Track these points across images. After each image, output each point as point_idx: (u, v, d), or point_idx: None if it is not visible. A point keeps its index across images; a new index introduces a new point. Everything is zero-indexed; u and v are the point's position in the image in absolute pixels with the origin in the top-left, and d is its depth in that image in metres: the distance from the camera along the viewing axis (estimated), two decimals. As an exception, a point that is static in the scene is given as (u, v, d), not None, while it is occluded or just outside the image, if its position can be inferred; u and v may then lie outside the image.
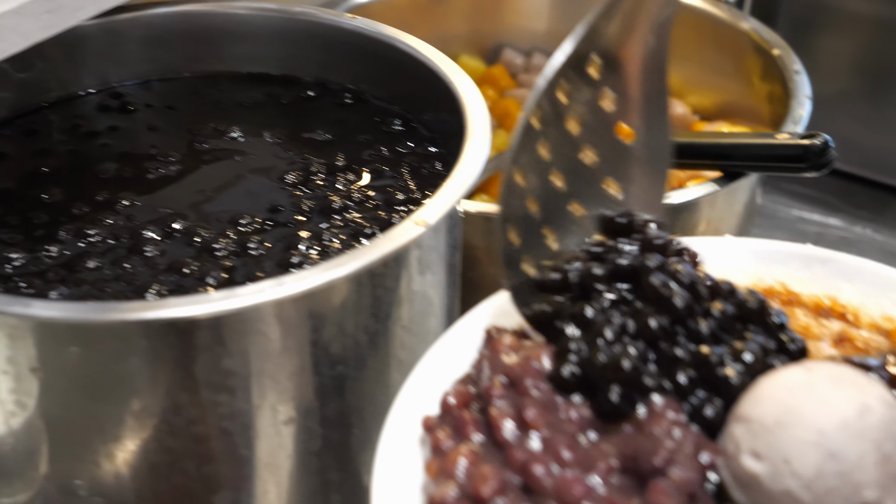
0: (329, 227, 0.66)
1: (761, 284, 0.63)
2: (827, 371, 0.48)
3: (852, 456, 0.45)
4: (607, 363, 0.50)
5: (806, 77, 0.98)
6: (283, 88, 0.81)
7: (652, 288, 0.53)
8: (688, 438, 0.49)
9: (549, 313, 0.54)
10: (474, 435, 0.51)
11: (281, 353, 0.58)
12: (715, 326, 0.53)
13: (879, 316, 0.61)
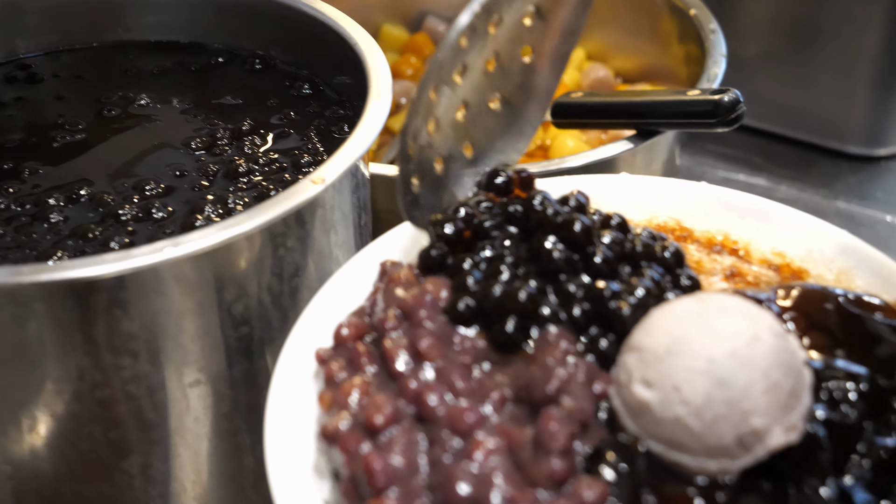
0: (234, 190, 0.66)
1: (655, 220, 0.63)
2: (718, 301, 0.49)
3: (741, 383, 0.46)
4: (503, 294, 0.51)
5: (721, 35, 0.99)
6: (192, 56, 0.80)
7: (539, 214, 0.54)
8: (580, 368, 0.49)
9: (444, 254, 0.55)
10: (368, 367, 0.51)
11: (182, 314, 0.58)
12: (612, 257, 0.54)
13: (770, 251, 0.62)
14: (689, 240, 0.63)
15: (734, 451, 0.46)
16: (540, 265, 0.53)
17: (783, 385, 0.47)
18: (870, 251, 0.60)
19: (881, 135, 1.20)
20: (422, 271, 0.55)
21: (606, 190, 0.63)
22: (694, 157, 1.22)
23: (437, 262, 0.55)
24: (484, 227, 0.55)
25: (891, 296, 0.57)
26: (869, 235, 1.10)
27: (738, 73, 1.20)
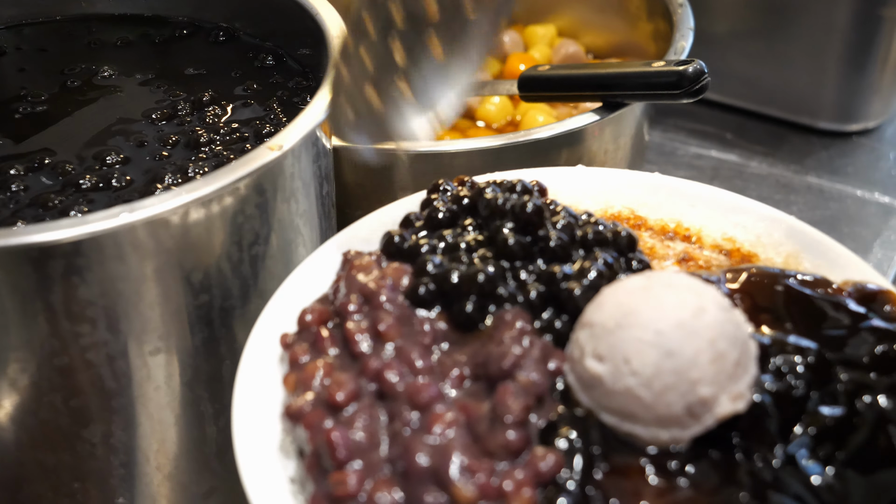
0: (195, 159, 0.66)
1: (611, 210, 0.65)
2: (664, 277, 0.51)
3: (688, 354, 0.47)
4: (463, 276, 0.53)
5: (689, 10, 1.00)
6: (155, 28, 0.80)
7: (491, 202, 0.57)
8: (535, 345, 0.52)
9: (406, 246, 0.57)
10: (331, 349, 0.53)
11: (140, 281, 0.58)
12: (566, 241, 0.56)
13: (720, 237, 0.63)
14: (643, 228, 0.64)
15: (684, 421, 0.48)
16: (496, 250, 0.55)
17: (729, 355, 0.48)
18: (816, 235, 0.62)
19: (852, 110, 1.20)
20: (385, 257, 0.57)
21: (564, 182, 0.65)
22: (666, 133, 1.23)
23: (398, 249, 0.57)
24: (440, 217, 0.58)
25: (836, 276, 0.59)
26: (839, 210, 1.11)
27: (709, 50, 1.20)
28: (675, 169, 1.18)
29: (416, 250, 0.56)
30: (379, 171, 0.86)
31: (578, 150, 0.89)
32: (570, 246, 0.56)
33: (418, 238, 0.58)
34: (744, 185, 1.15)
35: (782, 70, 1.20)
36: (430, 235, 0.58)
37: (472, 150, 0.84)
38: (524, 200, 0.56)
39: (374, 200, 0.87)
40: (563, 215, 0.57)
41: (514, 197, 0.57)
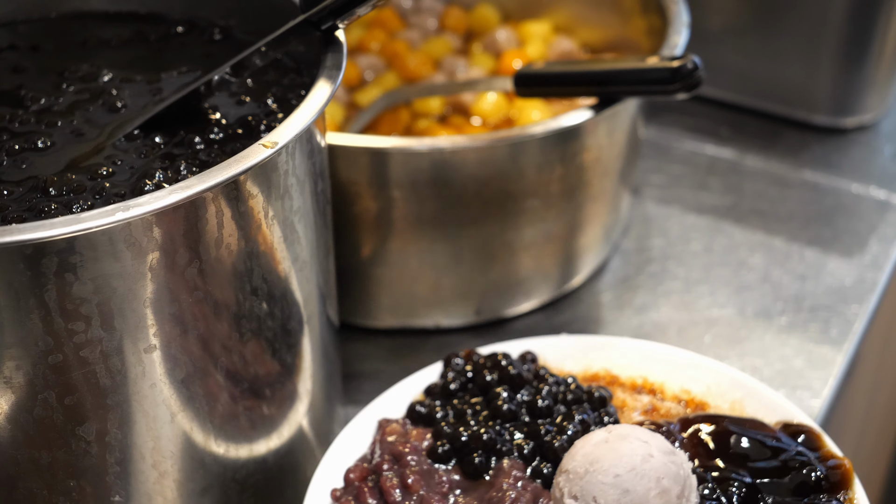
0: (188, 156, 0.66)
1: (590, 370, 0.80)
2: (621, 431, 0.66)
3: (640, 491, 0.63)
4: (470, 437, 0.71)
5: (684, 5, 1.00)
6: (151, 26, 0.80)
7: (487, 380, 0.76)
8: (528, 489, 0.68)
9: (425, 412, 0.75)
10: (370, 500, 0.69)
11: (135, 278, 0.58)
12: (550, 403, 0.74)
13: (679, 389, 0.78)
14: (617, 384, 0.79)
15: None
16: (493, 413, 0.73)
17: (672, 490, 0.64)
18: (755, 384, 0.76)
19: (847, 105, 1.20)
20: (410, 422, 0.74)
21: (552, 348, 0.80)
22: (661, 130, 1.23)
23: (419, 415, 0.75)
24: (454, 390, 0.77)
25: (772, 418, 0.74)
26: (835, 205, 1.11)
27: (704, 45, 1.21)
28: (670, 165, 1.18)
29: (432, 416, 0.74)
30: (373, 169, 0.86)
31: (573, 147, 0.90)
32: (553, 406, 0.74)
33: (434, 405, 0.75)
34: (739, 181, 1.15)
35: (777, 65, 1.21)
36: (444, 403, 0.75)
37: (467, 148, 0.84)
38: (516, 372, 0.76)
39: (368, 197, 0.87)
40: (550, 382, 0.75)
41: (510, 369, 0.75)
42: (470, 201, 0.87)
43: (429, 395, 0.77)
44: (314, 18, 0.68)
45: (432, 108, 1.04)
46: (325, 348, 0.76)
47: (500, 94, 1.03)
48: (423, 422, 0.74)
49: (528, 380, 0.76)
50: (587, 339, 0.81)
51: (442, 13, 1.19)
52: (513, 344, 0.80)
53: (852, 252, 1.05)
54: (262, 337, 0.67)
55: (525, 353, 0.79)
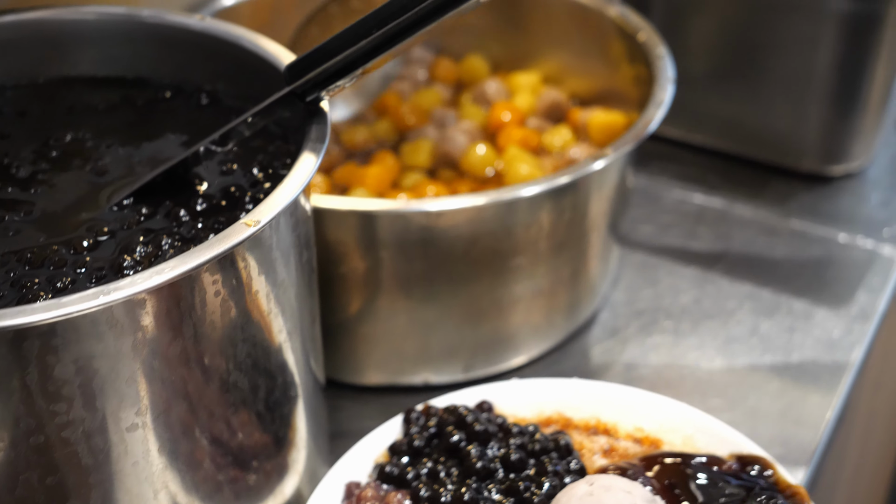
0: (171, 231, 0.66)
1: (544, 414, 0.81)
2: (604, 482, 0.68)
3: None
4: (454, 497, 0.72)
5: (669, 61, 1.00)
6: (138, 91, 0.80)
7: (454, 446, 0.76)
8: None
9: (397, 474, 0.75)
10: None
11: (116, 358, 0.58)
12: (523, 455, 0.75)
13: (632, 428, 0.80)
14: (571, 427, 0.80)
15: None
16: (469, 472, 0.74)
17: None
18: (704, 419, 0.78)
19: (834, 153, 1.21)
20: (381, 482, 0.75)
21: (504, 394, 0.81)
22: (651, 178, 1.23)
23: (389, 476, 0.75)
24: (419, 447, 0.77)
25: (724, 451, 0.76)
26: (822, 254, 1.11)
27: (691, 92, 1.22)
28: (661, 214, 1.18)
29: (404, 477, 0.75)
30: (361, 230, 0.86)
31: (562, 205, 0.90)
32: (526, 459, 0.75)
33: (404, 466, 0.75)
34: (728, 230, 1.16)
35: (765, 113, 1.21)
36: (412, 462, 0.76)
37: (454, 210, 0.85)
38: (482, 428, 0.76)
39: (356, 258, 0.87)
40: (515, 433, 0.77)
41: (475, 426, 0.76)
42: (458, 260, 0.88)
43: (394, 453, 0.77)
44: (298, 90, 0.68)
45: (420, 161, 1.05)
46: (312, 413, 0.76)
47: (489, 147, 1.04)
48: (396, 483, 0.74)
49: (494, 433, 0.76)
50: (537, 382, 0.82)
51: (432, 63, 1.19)
52: (467, 392, 0.80)
53: (840, 303, 1.05)
54: (248, 410, 0.67)
55: (482, 403, 0.80)
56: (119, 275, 0.62)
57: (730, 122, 1.24)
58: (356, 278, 0.89)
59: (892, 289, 1.08)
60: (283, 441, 0.72)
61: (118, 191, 0.71)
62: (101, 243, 0.65)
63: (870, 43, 1.14)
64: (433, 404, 0.79)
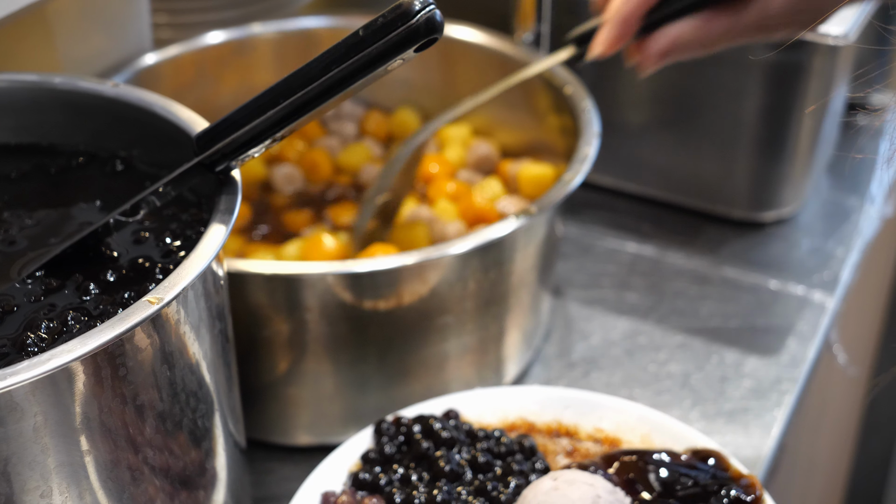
0: (79, 305, 0.65)
1: (507, 420, 0.85)
2: (567, 476, 0.71)
3: None
4: (427, 499, 0.76)
5: (595, 114, 1.01)
6: (50, 158, 0.79)
7: (424, 453, 0.81)
8: None
9: (370, 480, 0.79)
10: None
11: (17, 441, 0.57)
12: (490, 458, 0.80)
13: (592, 429, 0.85)
14: (534, 431, 0.85)
15: None
16: (439, 475, 0.79)
17: None
18: (659, 417, 0.83)
19: (765, 200, 1.22)
20: (356, 489, 0.79)
21: (469, 403, 0.86)
22: (583, 227, 1.23)
23: (363, 483, 0.79)
24: (390, 454, 0.82)
25: (680, 447, 0.81)
26: (753, 302, 1.12)
27: (623, 141, 1.23)
28: (592, 263, 1.18)
29: (377, 483, 0.79)
30: (281, 294, 0.85)
31: (486, 261, 0.90)
32: (493, 461, 0.80)
33: (377, 473, 0.79)
34: (660, 279, 1.16)
35: (695, 161, 1.22)
36: (385, 469, 0.80)
37: (376, 271, 0.84)
38: (449, 436, 0.81)
39: (278, 321, 0.86)
40: (481, 437, 0.82)
41: (442, 433, 0.81)
42: (382, 321, 0.87)
43: (366, 462, 0.81)
44: (207, 161, 0.68)
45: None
46: (234, 479, 0.75)
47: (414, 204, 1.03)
48: (370, 489, 0.79)
49: (461, 439, 0.82)
50: (500, 390, 0.87)
51: (362, 118, 1.19)
52: (434, 402, 0.86)
53: (770, 351, 1.06)
54: (162, 484, 0.66)
55: (448, 411, 0.85)
56: (22, 352, 0.61)
57: (662, 170, 1.24)
58: (280, 341, 0.88)
59: (822, 335, 1.09)
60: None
61: (28, 263, 0.69)
62: (4, 319, 0.64)
63: (796, 92, 1.15)
64: (402, 415, 0.83)
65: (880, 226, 1.28)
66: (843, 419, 1.77)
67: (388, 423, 0.83)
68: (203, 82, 1.10)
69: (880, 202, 1.29)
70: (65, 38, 0.99)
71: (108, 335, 0.56)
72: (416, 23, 0.61)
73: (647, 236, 1.22)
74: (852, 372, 1.43)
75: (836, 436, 1.70)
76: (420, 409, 0.85)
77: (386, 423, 0.83)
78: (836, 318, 1.15)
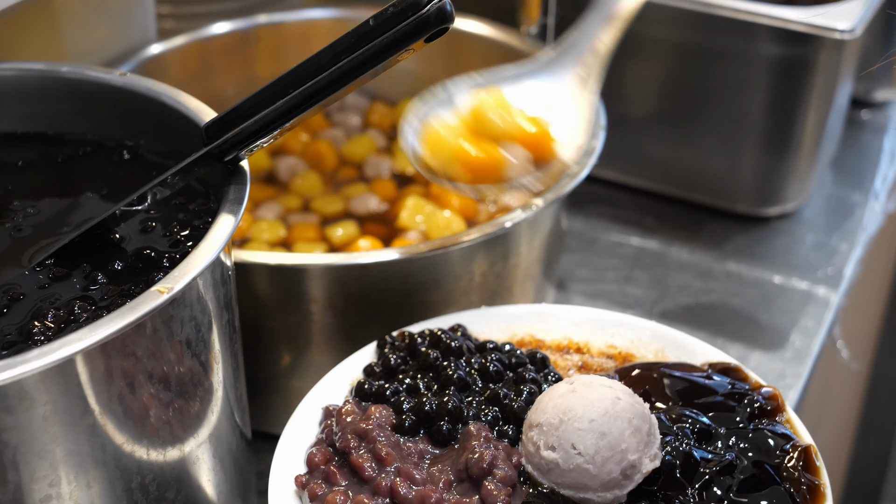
0: (86, 294, 0.64)
1: (515, 338, 0.82)
2: (585, 380, 0.69)
3: (616, 432, 0.66)
4: (438, 405, 0.72)
5: (602, 108, 1.00)
6: (57, 147, 0.79)
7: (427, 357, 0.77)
8: (500, 448, 0.70)
9: (375, 390, 0.75)
10: (342, 481, 0.69)
11: (27, 430, 0.57)
12: (501, 368, 0.76)
13: (604, 345, 0.82)
14: (543, 347, 0.82)
15: (621, 483, 0.66)
16: (447, 384, 0.74)
17: (643, 428, 0.67)
18: (673, 333, 0.82)
19: (769, 195, 1.22)
20: (360, 400, 0.75)
21: (476, 320, 0.82)
22: (588, 221, 1.23)
23: (367, 393, 0.75)
24: (395, 366, 0.77)
25: (695, 361, 0.79)
26: (757, 297, 1.12)
27: (629, 135, 1.22)
28: (596, 257, 1.18)
29: (383, 393, 0.75)
30: (288, 284, 0.85)
31: (492, 254, 0.90)
32: (503, 371, 0.76)
33: (382, 384, 0.75)
34: (664, 272, 1.16)
35: (699, 155, 1.22)
36: (390, 380, 0.76)
37: (383, 263, 0.84)
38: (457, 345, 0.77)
39: (287, 311, 0.86)
40: (490, 348, 0.78)
41: (451, 343, 0.77)
42: (388, 312, 0.87)
43: (369, 375, 0.77)
44: (216, 150, 0.67)
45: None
46: (238, 470, 0.75)
47: (417, 196, 1.03)
48: (375, 399, 0.74)
49: (470, 349, 0.77)
50: (509, 308, 0.84)
51: (366, 110, 1.19)
52: (440, 320, 0.82)
53: (774, 346, 1.06)
54: (169, 474, 0.66)
55: (455, 326, 0.81)
56: (28, 341, 0.61)
57: (666, 164, 1.24)
58: (286, 332, 0.88)
59: (826, 330, 1.09)
60: (207, 501, 0.70)
61: (38, 252, 0.69)
62: (11, 307, 0.63)
63: (801, 86, 1.15)
64: (407, 330, 0.80)
65: (884, 221, 1.27)
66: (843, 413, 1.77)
67: (393, 337, 0.79)
68: (208, 73, 1.10)
69: (884, 198, 1.29)
70: (70, 28, 0.98)
71: (118, 324, 0.56)
72: (427, 12, 0.61)
73: (650, 230, 1.22)
74: (855, 367, 1.43)
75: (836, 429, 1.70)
76: (427, 324, 0.81)
77: (390, 337, 0.79)
78: (840, 314, 1.15)
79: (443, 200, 1.04)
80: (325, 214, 1.04)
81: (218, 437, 0.70)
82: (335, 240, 1.00)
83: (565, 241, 1.18)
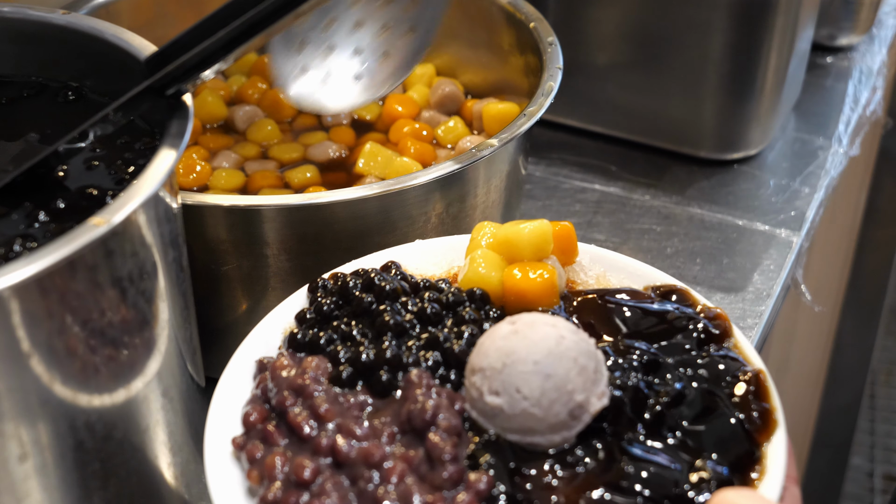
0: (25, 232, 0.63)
1: (452, 272, 0.79)
2: (526, 319, 0.65)
3: (561, 372, 0.63)
4: (376, 355, 0.67)
5: (559, 49, 0.99)
6: (1, 89, 0.77)
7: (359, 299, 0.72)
8: (442, 395, 0.66)
9: (309, 340, 0.70)
10: (281, 440, 0.64)
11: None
12: (438, 309, 0.71)
13: None
14: None
15: (569, 424, 0.63)
16: (384, 330, 0.69)
17: (588, 366, 0.64)
18: (613, 255, 0.78)
19: (731, 139, 1.21)
20: (293, 351, 0.70)
21: (410, 255, 0.79)
22: (550, 168, 1.23)
23: (300, 343, 0.70)
24: (328, 312, 0.72)
25: (639, 285, 0.77)
26: (719, 239, 1.12)
27: (588, 81, 1.22)
28: (560, 204, 1.18)
29: (317, 342, 0.70)
30: (240, 227, 0.84)
31: (448, 195, 0.89)
32: (441, 312, 0.71)
33: (316, 333, 0.70)
34: (626, 217, 1.16)
35: (662, 100, 1.21)
36: (323, 328, 0.71)
37: (336, 202, 0.83)
38: (392, 287, 0.72)
39: (241, 255, 0.85)
40: (425, 288, 0.73)
41: (384, 285, 0.72)
42: (343, 256, 0.86)
43: (302, 323, 0.73)
44: (157, 84, 0.66)
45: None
46: (190, 415, 0.74)
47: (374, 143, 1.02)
48: (309, 350, 0.70)
49: (405, 290, 0.73)
50: (443, 240, 0.80)
51: (325, 58, 1.17)
52: (372, 257, 0.78)
53: (736, 288, 1.06)
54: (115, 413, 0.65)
55: (387, 264, 0.77)
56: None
57: (629, 110, 1.24)
58: (240, 277, 0.87)
59: (787, 272, 1.09)
60: (158, 442, 0.70)
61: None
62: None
63: (762, 29, 1.15)
64: (339, 271, 0.76)
65: (847, 164, 1.27)
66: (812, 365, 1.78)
67: (324, 279, 0.75)
68: (162, 21, 1.08)
69: (846, 142, 1.29)
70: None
71: (53, 258, 0.55)
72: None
73: (613, 176, 1.22)
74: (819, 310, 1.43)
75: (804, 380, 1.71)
76: (359, 263, 0.77)
77: (322, 279, 0.74)
78: (802, 257, 1.15)
79: (401, 147, 1.03)
80: (283, 161, 1.03)
81: (165, 376, 0.69)
82: (295, 184, 0.99)
83: (527, 188, 1.18)
